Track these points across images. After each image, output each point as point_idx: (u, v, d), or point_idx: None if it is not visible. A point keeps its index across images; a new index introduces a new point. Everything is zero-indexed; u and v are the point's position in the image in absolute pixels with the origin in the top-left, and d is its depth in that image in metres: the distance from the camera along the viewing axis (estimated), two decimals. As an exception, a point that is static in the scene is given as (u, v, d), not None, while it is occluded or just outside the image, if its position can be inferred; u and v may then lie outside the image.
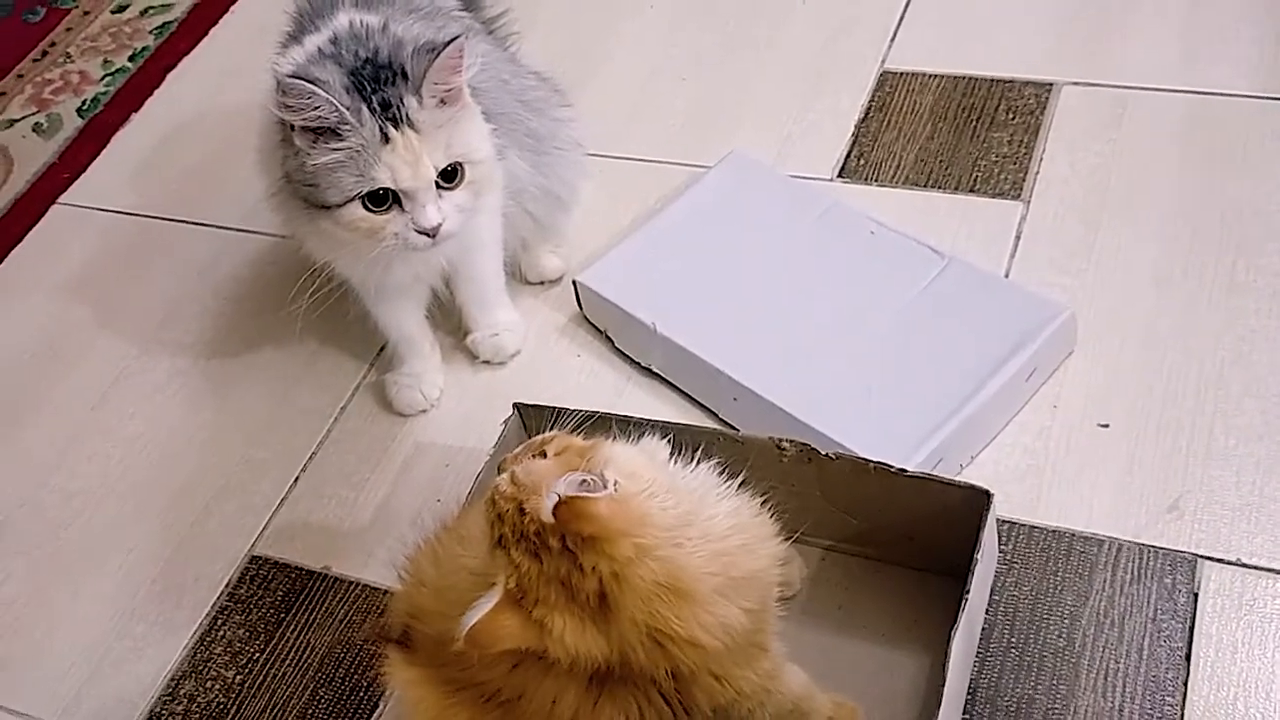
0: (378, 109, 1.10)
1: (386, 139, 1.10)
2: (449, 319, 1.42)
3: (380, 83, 1.11)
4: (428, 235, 1.14)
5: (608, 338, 1.38)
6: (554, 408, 1.18)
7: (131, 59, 1.96)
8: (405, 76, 1.11)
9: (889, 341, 1.25)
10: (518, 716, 0.87)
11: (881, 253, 1.33)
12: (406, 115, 1.11)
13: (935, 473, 1.09)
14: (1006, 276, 1.34)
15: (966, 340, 1.22)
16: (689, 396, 1.31)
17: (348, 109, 1.09)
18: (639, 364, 1.35)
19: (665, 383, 1.33)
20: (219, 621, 1.24)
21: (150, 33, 2.00)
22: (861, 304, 1.28)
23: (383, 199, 1.12)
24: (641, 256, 1.38)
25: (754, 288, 1.33)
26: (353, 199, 1.12)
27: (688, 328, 1.29)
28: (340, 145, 1.10)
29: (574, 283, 1.39)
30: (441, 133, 1.13)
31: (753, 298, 1.32)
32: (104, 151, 1.82)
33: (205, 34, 1.97)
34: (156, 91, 1.89)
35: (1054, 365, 1.25)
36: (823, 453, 1.08)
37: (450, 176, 1.14)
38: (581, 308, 1.40)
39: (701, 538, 0.82)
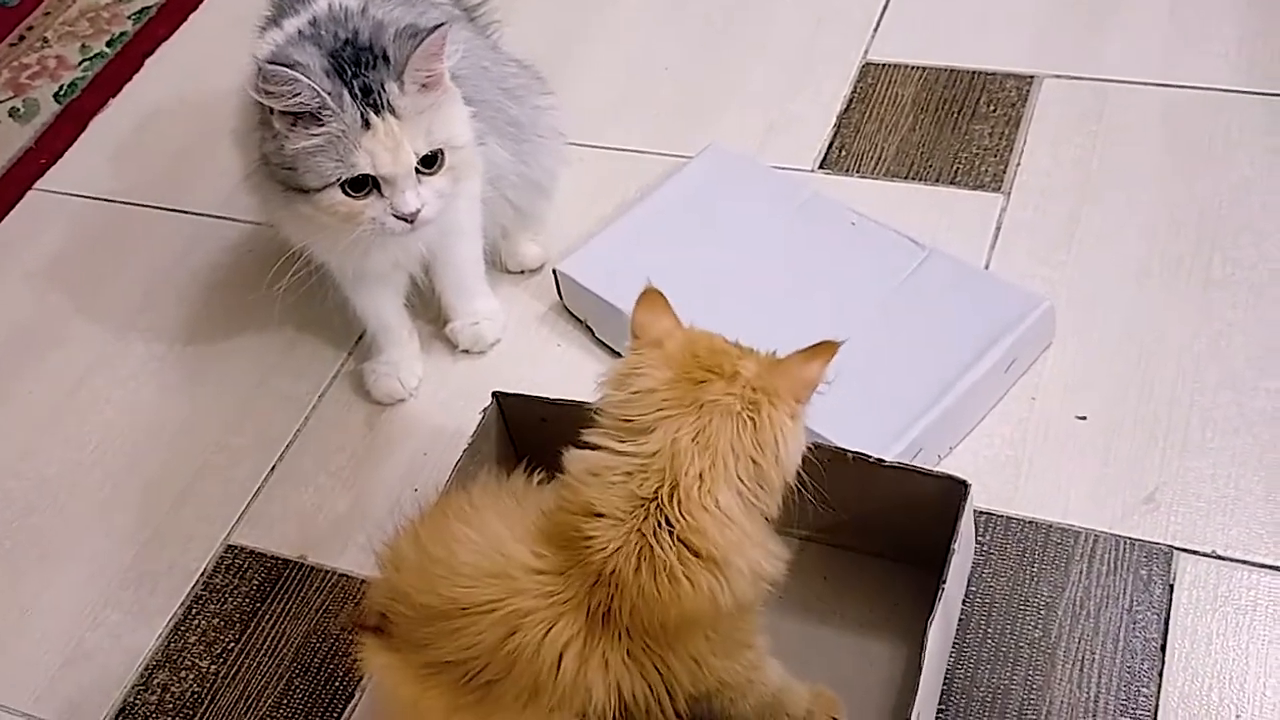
0: (359, 94, 1.09)
1: (367, 125, 1.09)
2: (428, 307, 1.41)
3: (361, 66, 1.10)
4: (406, 221, 1.13)
5: (588, 327, 1.38)
6: (534, 397, 1.18)
7: (110, 44, 1.95)
8: (387, 61, 1.10)
9: (869, 332, 1.24)
10: (497, 698, 0.86)
11: (862, 244, 1.33)
12: (388, 101, 1.10)
13: (914, 463, 1.10)
14: (986, 268, 1.34)
15: (946, 331, 1.22)
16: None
17: (329, 94, 1.08)
18: (619, 353, 1.35)
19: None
20: (194, 611, 1.23)
21: (129, 18, 1.99)
22: (842, 295, 1.28)
23: (362, 184, 1.12)
24: (622, 246, 1.37)
25: (734, 278, 1.32)
26: (332, 184, 1.11)
27: None
28: (320, 130, 1.09)
29: (554, 272, 1.38)
30: (423, 119, 1.12)
31: (733, 288, 1.31)
32: (81, 137, 1.80)
33: (184, 20, 1.95)
34: (135, 77, 1.88)
35: (1033, 357, 1.25)
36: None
37: (430, 162, 1.14)
38: (562, 297, 1.40)
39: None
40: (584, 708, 0.86)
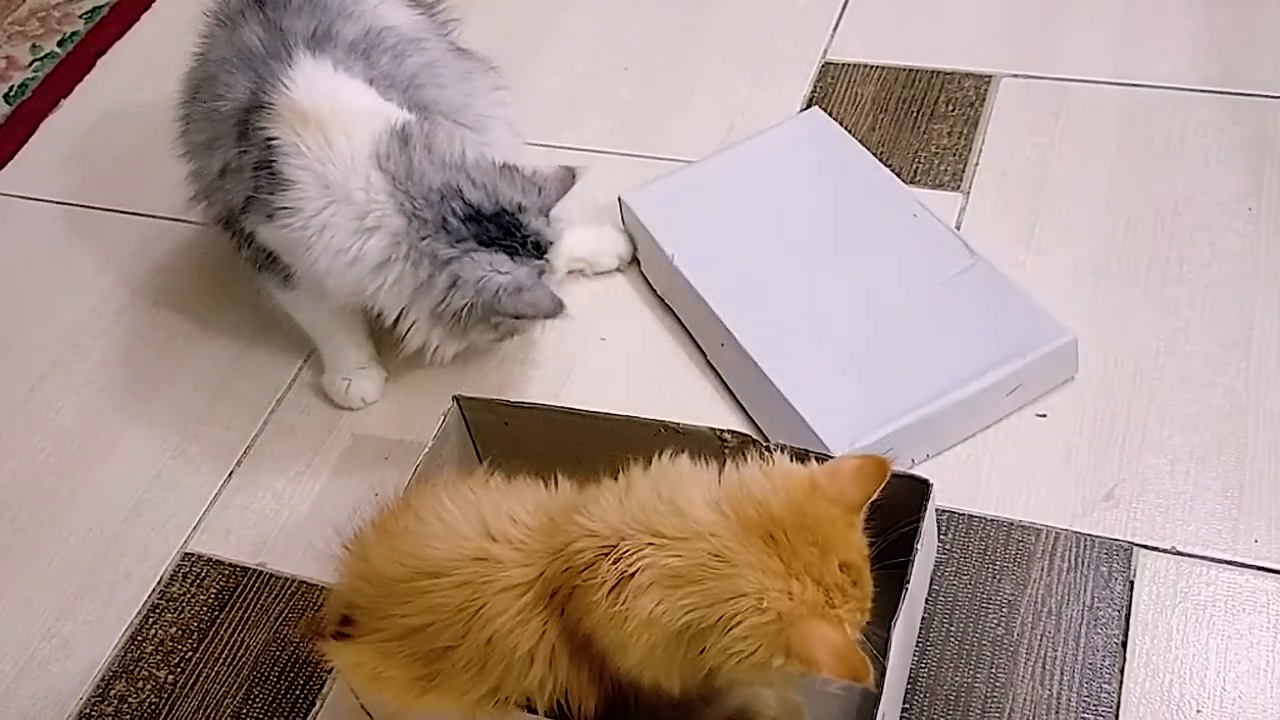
0: (534, 253, 1.16)
1: (541, 273, 1.17)
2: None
3: (519, 233, 1.15)
4: None
5: (636, 260, 1.41)
6: (495, 400, 1.18)
7: (60, 44, 1.91)
8: (522, 209, 1.15)
9: (890, 325, 1.23)
10: (451, 666, 0.88)
11: (916, 237, 1.31)
12: (549, 240, 1.17)
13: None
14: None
15: (961, 341, 1.20)
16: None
17: (533, 290, 1.16)
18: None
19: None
20: (150, 620, 1.22)
21: (80, 17, 1.95)
22: (879, 280, 1.28)
23: None
24: (689, 191, 1.40)
25: (782, 244, 1.33)
26: None
27: (703, 266, 1.31)
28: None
29: (619, 199, 1.41)
30: None
31: (776, 253, 1.32)
32: (32, 139, 1.77)
33: (137, 19, 1.93)
34: (86, 78, 1.85)
35: (1047, 388, 1.22)
36: (765, 444, 1.07)
37: None
38: (624, 222, 1.42)
39: None
40: (526, 682, 0.86)
